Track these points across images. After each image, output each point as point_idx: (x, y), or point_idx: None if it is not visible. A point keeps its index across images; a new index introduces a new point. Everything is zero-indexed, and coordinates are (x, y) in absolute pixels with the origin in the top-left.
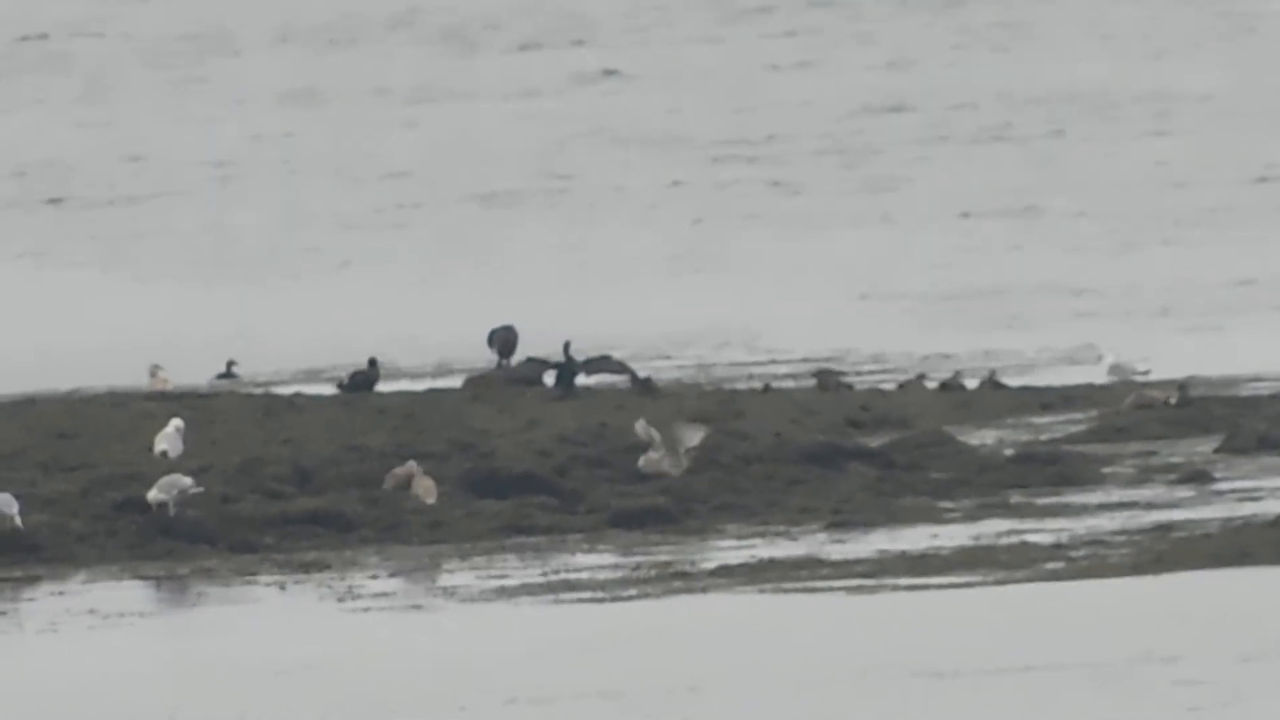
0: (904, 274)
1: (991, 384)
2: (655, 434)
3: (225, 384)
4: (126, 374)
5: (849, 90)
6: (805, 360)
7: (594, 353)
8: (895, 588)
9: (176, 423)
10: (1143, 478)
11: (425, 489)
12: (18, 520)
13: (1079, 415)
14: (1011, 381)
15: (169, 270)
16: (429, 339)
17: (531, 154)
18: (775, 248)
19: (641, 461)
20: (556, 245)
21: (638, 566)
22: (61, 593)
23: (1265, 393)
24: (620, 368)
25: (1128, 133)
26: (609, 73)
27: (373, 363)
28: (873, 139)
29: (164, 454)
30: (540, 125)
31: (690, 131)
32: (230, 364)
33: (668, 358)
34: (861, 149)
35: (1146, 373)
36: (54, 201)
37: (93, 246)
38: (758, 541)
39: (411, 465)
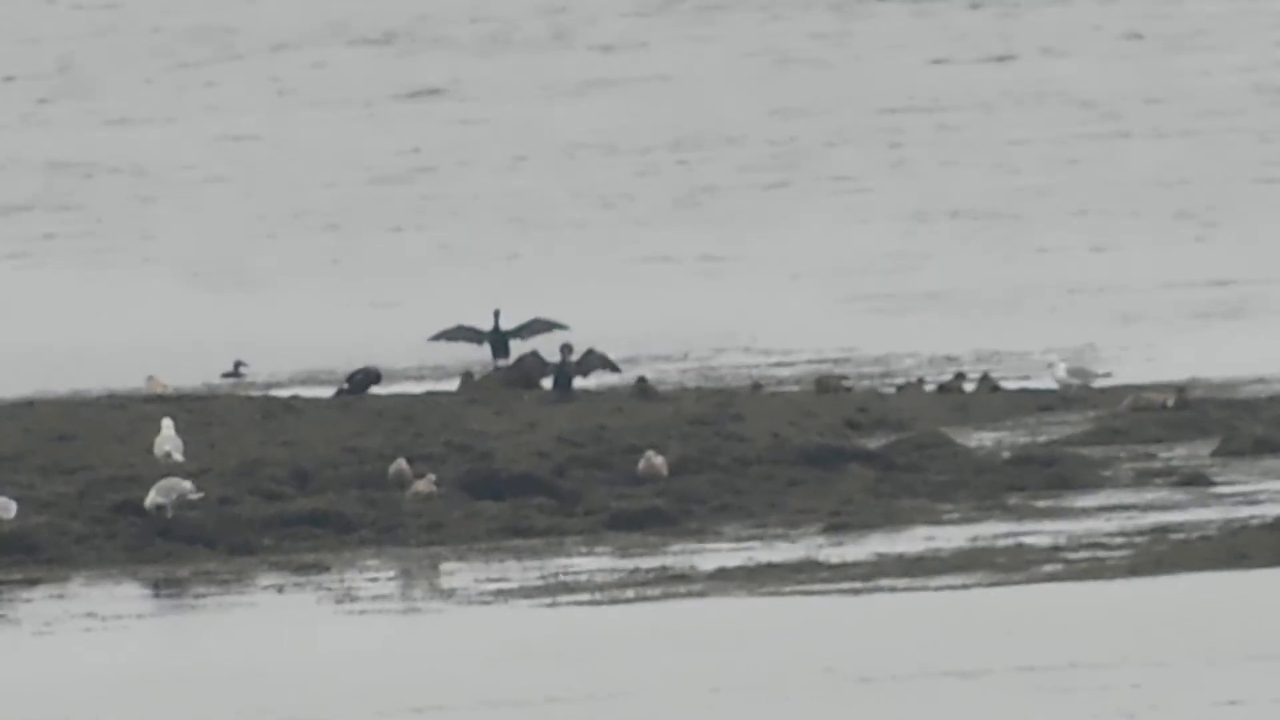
0: (903, 274)
1: (989, 386)
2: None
3: (229, 384)
4: (125, 377)
5: (845, 90)
6: (808, 361)
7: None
8: (893, 589)
9: (167, 422)
10: (1141, 480)
11: (424, 484)
12: (9, 514)
13: (1077, 417)
14: (1010, 383)
15: (167, 272)
16: (426, 341)
17: (526, 156)
18: (773, 248)
19: (641, 465)
20: (554, 247)
21: (635, 569)
22: (60, 595)
23: (1263, 395)
24: (603, 360)
25: (1127, 132)
26: (602, 79)
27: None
28: (868, 137)
29: (168, 455)
30: (533, 127)
31: (685, 131)
32: (238, 364)
33: (666, 359)
34: (858, 149)
35: (1107, 375)
36: (52, 204)
37: (91, 248)
38: (756, 544)
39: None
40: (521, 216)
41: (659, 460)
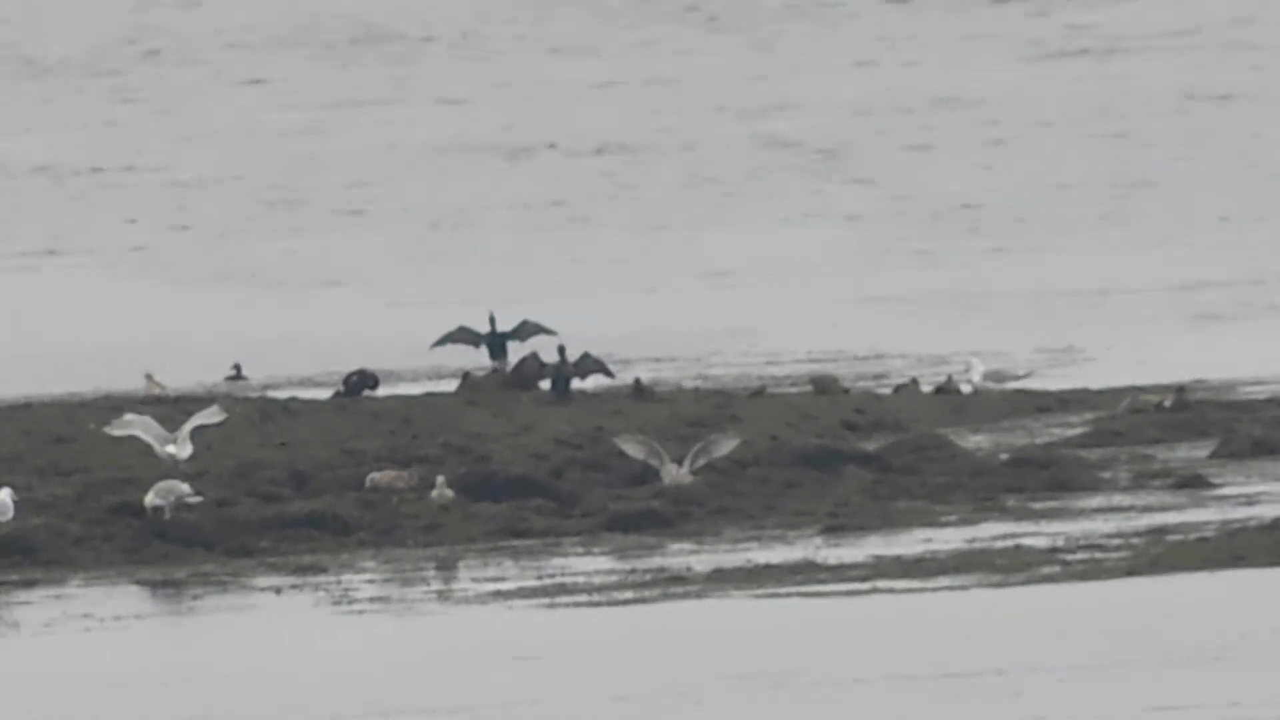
0: (900, 275)
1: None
2: (654, 446)
3: (228, 386)
4: (123, 378)
5: (841, 89)
6: (808, 361)
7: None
8: (891, 591)
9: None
10: (1138, 482)
11: (439, 493)
12: (7, 515)
13: (1074, 418)
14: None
15: (165, 275)
16: (424, 342)
17: (523, 157)
18: (769, 247)
19: (666, 479)
20: (552, 248)
21: (633, 570)
22: (58, 596)
23: (1261, 397)
24: (597, 364)
25: (1120, 132)
26: (594, 81)
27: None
28: (865, 137)
29: (173, 457)
30: (531, 127)
31: (682, 130)
32: (236, 367)
33: (660, 360)
34: (854, 148)
35: (1027, 375)
36: (50, 204)
37: (88, 250)
38: (753, 545)
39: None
40: (516, 218)
41: (681, 473)
